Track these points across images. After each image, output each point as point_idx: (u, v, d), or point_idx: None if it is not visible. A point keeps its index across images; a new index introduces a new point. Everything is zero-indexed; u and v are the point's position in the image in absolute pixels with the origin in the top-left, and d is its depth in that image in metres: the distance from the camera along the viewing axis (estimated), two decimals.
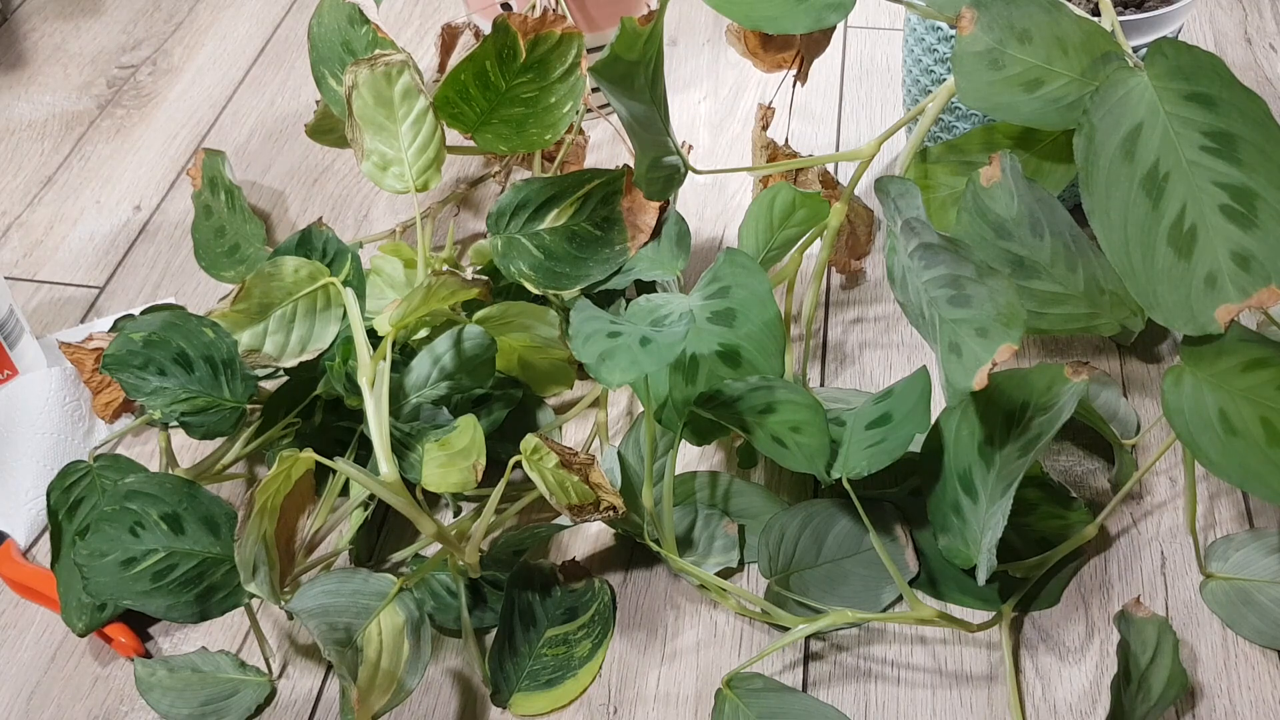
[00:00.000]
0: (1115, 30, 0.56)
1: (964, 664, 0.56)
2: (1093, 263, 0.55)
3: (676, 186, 0.57)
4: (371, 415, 0.50)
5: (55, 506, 0.57)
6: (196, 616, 0.53)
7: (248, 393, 0.57)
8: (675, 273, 0.61)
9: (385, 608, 0.50)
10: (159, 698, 0.55)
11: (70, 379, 0.67)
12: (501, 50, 0.59)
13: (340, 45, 0.65)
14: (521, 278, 0.61)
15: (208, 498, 0.55)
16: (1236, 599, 0.56)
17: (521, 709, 0.55)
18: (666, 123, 0.54)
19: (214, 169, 0.76)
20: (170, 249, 0.81)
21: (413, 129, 0.61)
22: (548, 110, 0.62)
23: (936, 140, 0.74)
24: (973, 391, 0.48)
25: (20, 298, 0.79)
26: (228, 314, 0.57)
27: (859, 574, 0.57)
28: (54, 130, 0.92)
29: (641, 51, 0.48)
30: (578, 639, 0.57)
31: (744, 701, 0.52)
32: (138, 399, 0.55)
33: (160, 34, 1.01)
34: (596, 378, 0.45)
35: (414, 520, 0.50)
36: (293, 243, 0.59)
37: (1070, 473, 0.63)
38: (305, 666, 0.58)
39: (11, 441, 0.66)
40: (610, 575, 0.60)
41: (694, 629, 0.58)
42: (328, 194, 0.84)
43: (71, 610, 0.57)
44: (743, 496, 0.61)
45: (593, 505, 0.52)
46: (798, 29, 0.54)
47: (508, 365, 0.63)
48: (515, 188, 0.62)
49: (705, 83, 0.90)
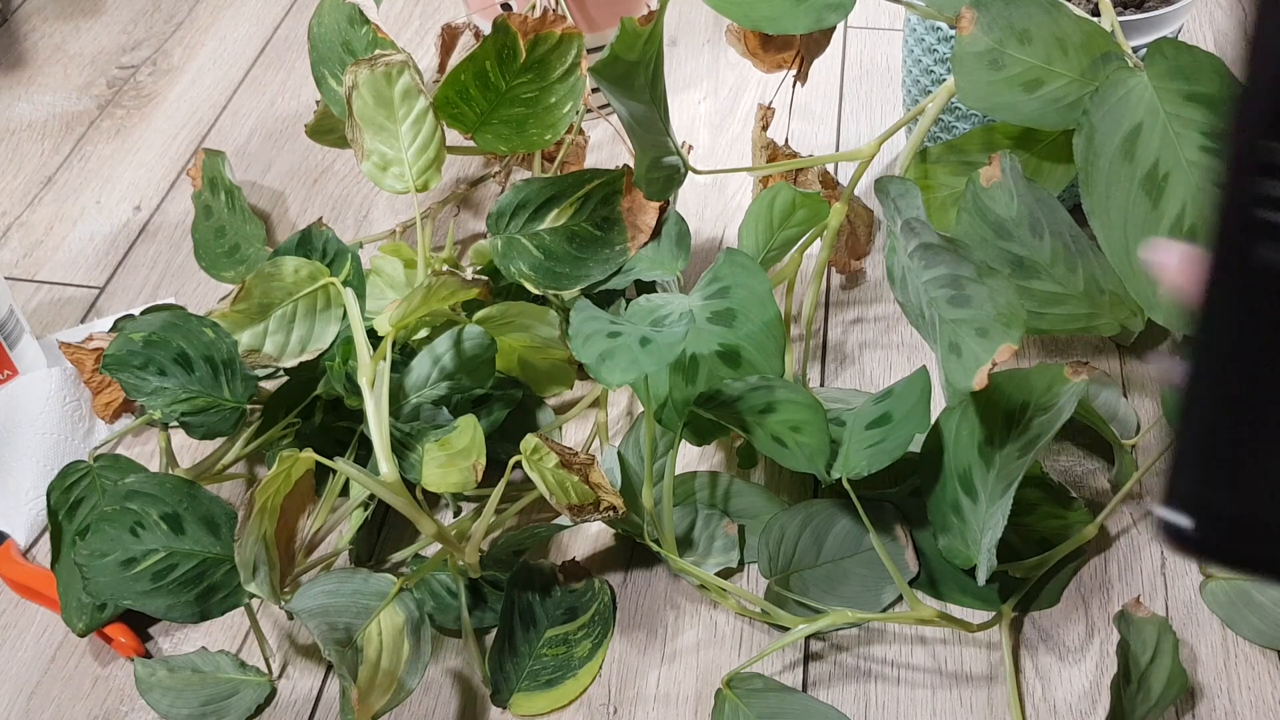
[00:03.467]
0: (1115, 30, 0.56)
1: (964, 664, 0.56)
2: (1093, 263, 0.55)
3: (676, 186, 0.57)
4: (371, 415, 0.50)
5: (55, 506, 0.57)
6: (196, 616, 0.53)
7: (248, 393, 0.57)
8: (675, 273, 0.61)
9: (385, 608, 0.50)
10: (159, 698, 0.55)
11: (70, 379, 0.67)
12: (501, 50, 0.59)
13: (340, 45, 0.65)
14: (521, 278, 0.61)
15: (208, 498, 0.55)
16: (1236, 599, 0.56)
17: (521, 709, 0.55)
18: (666, 123, 0.54)
19: (214, 169, 0.76)
20: (170, 249, 0.81)
21: (413, 129, 0.61)
22: (548, 110, 0.62)
23: (936, 140, 0.74)
24: (973, 391, 0.48)
25: (20, 298, 0.79)
26: (228, 314, 0.57)
27: (859, 574, 0.57)
28: (54, 130, 0.92)
29: (641, 51, 0.48)
30: (578, 639, 0.57)
31: (744, 701, 0.52)
32: (138, 399, 0.55)
33: (160, 34, 1.01)
34: (596, 378, 0.45)
35: (414, 520, 0.50)
36: (293, 243, 0.59)
37: (1070, 473, 0.63)
38: (305, 666, 0.58)
39: (11, 441, 0.66)
40: (610, 575, 0.60)
41: (694, 629, 0.58)
42: (328, 194, 0.84)
43: (71, 610, 0.57)
44: (743, 496, 0.61)
45: (593, 505, 0.52)
46: (798, 29, 0.54)
47: (508, 365, 0.63)
48: (515, 188, 0.62)
49: (705, 83, 0.90)
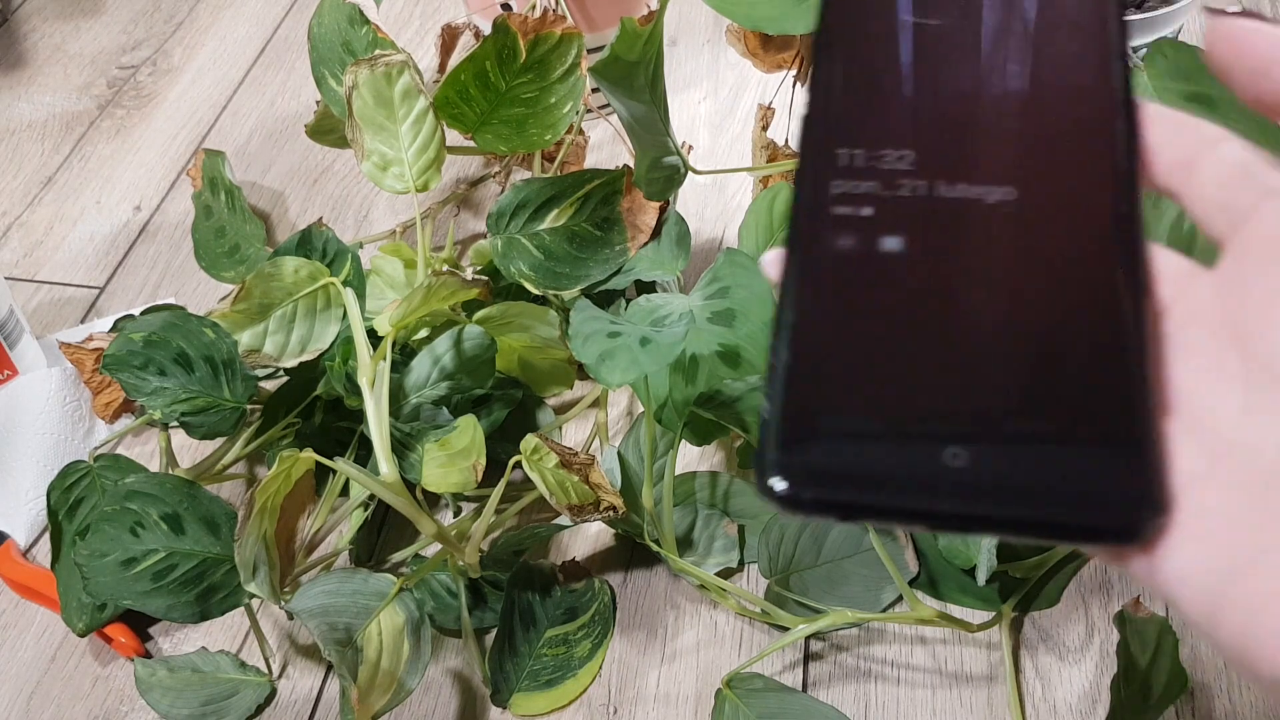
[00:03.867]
0: None
1: (964, 664, 0.56)
2: None
3: (676, 186, 0.57)
4: (371, 415, 0.50)
5: (55, 506, 0.57)
6: (196, 616, 0.53)
7: (248, 393, 0.57)
8: (675, 273, 0.61)
9: (385, 608, 0.50)
10: (159, 698, 0.55)
11: (70, 379, 0.67)
12: (501, 50, 0.59)
13: (340, 45, 0.65)
14: (521, 278, 0.61)
15: (208, 498, 0.55)
16: None
17: (521, 709, 0.55)
18: (666, 123, 0.54)
19: (214, 169, 0.76)
20: (170, 249, 0.81)
21: (413, 129, 0.61)
22: (548, 110, 0.62)
23: None
24: None
25: (20, 298, 0.79)
26: (228, 314, 0.57)
27: (859, 574, 0.57)
28: (54, 130, 0.92)
29: (641, 51, 0.48)
30: (578, 639, 0.57)
31: (744, 701, 0.52)
32: (138, 399, 0.55)
33: (160, 34, 1.01)
34: (596, 378, 0.45)
35: (414, 520, 0.50)
36: (293, 243, 0.59)
37: None
38: (305, 666, 0.58)
39: (11, 441, 0.66)
40: (610, 575, 0.60)
41: (694, 629, 0.58)
42: (328, 194, 0.84)
43: (71, 610, 0.57)
44: (743, 496, 0.61)
45: (593, 505, 0.52)
46: (798, 29, 0.54)
47: (508, 365, 0.63)
48: (515, 188, 0.62)
49: (705, 83, 0.90)
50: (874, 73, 0.25)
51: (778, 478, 0.21)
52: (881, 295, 0.22)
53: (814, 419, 0.21)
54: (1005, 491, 0.20)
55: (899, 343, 0.22)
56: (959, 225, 0.23)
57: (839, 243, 0.23)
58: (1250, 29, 0.22)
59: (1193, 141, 0.23)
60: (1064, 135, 0.24)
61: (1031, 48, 0.25)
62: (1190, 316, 0.22)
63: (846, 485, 0.21)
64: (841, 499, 0.21)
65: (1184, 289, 0.22)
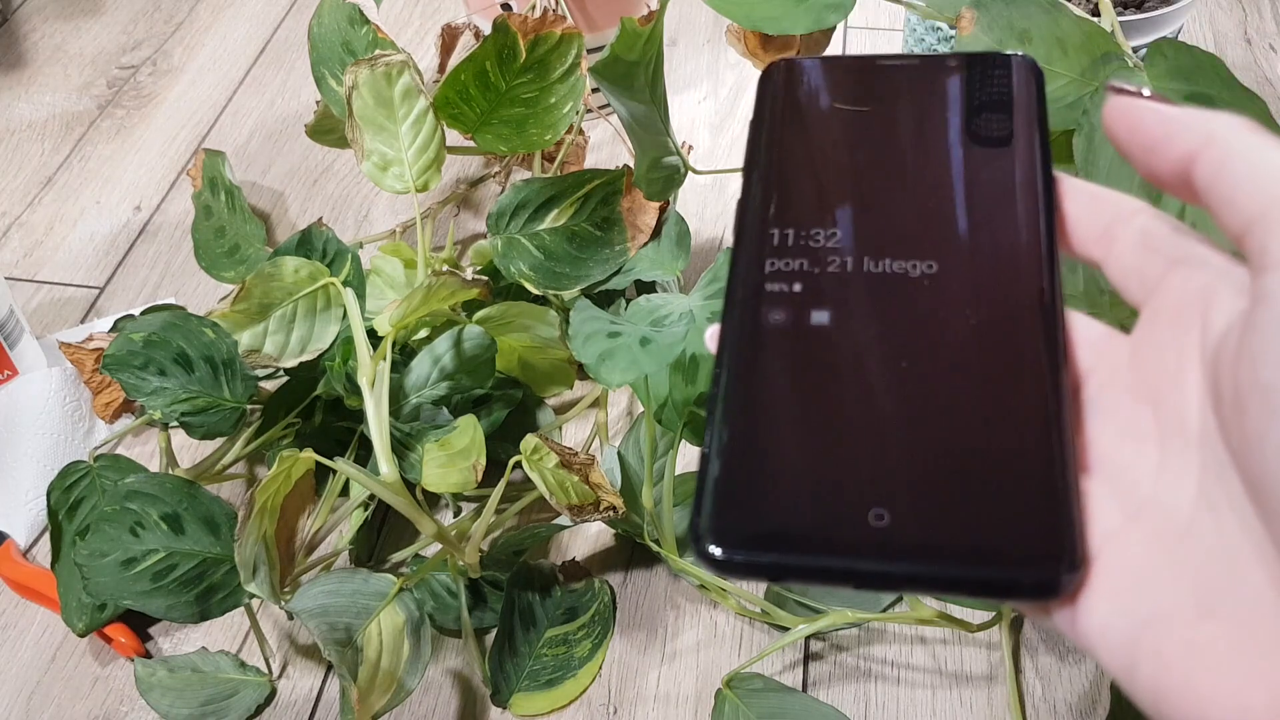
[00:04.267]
0: (1115, 30, 0.56)
1: (964, 664, 0.56)
2: None
3: (676, 187, 0.57)
4: (371, 415, 0.50)
5: (55, 506, 0.57)
6: (196, 616, 0.53)
7: (248, 393, 0.57)
8: (675, 273, 0.61)
9: (385, 608, 0.50)
10: (159, 698, 0.55)
11: (70, 379, 0.67)
12: (501, 50, 0.59)
13: (340, 45, 0.65)
14: (521, 278, 0.61)
15: (208, 498, 0.55)
16: None
17: (521, 709, 0.55)
18: (666, 123, 0.54)
19: (214, 169, 0.76)
20: (170, 249, 0.81)
21: (413, 129, 0.61)
22: (548, 110, 0.62)
23: None
24: None
25: (20, 298, 0.79)
26: (228, 314, 0.57)
27: None
28: (54, 130, 0.92)
29: (641, 51, 0.48)
30: (578, 639, 0.57)
31: (744, 701, 0.52)
32: (138, 399, 0.55)
33: (160, 34, 1.01)
34: (596, 378, 0.45)
35: (414, 520, 0.50)
36: (293, 243, 0.59)
37: None
38: (305, 666, 0.58)
39: (11, 442, 0.66)
40: (610, 575, 0.60)
41: (694, 629, 0.58)
42: (328, 194, 0.84)
43: (71, 610, 0.57)
44: None
45: (593, 505, 0.52)
46: (798, 29, 0.54)
47: (508, 365, 0.63)
48: (515, 188, 0.62)
49: (705, 83, 0.90)
50: (801, 161, 0.27)
51: (711, 543, 0.22)
52: (808, 367, 0.24)
53: (745, 488, 0.22)
54: (928, 550, 0.21)
55: (825, 411, 0.23)
56: (882, 300, 0.24)
57: (768, 318, 0.25)
58: (1143, 108, 0.23)
59: (1110, 213, 0.24)
60: (982, 213, 0.25)
61: (951, 132, 0.27)
62: (1109, 380, 0.23)
63: (776, 548, 0.22)
64: (771, 561, 0.22)
65: (1103, 353, 0.24)
